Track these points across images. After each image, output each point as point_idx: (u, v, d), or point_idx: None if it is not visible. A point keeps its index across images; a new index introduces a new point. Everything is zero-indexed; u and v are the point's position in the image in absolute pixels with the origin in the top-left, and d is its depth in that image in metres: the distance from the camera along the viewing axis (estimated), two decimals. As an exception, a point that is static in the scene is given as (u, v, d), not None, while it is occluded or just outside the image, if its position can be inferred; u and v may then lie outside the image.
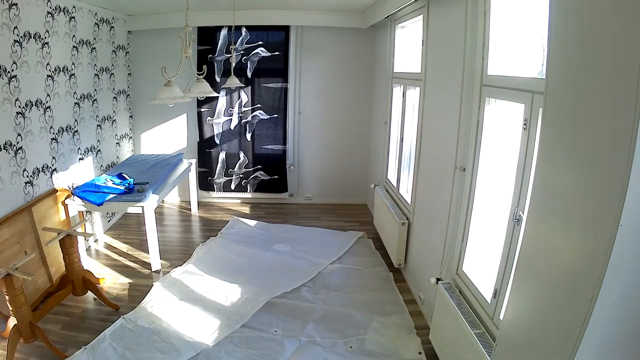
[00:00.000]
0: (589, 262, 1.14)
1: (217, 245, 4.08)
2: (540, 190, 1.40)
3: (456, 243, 2.46)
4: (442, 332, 2.36)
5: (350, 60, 5.05)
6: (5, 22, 2.79)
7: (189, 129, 5.27)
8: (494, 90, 2.10)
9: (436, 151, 2.89)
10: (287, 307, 3.06)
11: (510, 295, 1.59)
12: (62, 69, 3.56)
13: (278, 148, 5.23)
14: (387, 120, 4.27)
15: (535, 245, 1.43)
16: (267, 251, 3.94)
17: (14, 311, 2.35)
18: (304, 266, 3.66)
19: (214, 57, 4.91)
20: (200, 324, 2.83)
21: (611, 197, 1.06)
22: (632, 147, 0.98)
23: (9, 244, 2.74)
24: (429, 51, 3.00)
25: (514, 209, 1.86)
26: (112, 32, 4.48)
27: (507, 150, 2.05)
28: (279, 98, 5.07)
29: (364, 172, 5.39)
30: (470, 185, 2.32)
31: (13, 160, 2.92)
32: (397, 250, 3.50)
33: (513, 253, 1.84)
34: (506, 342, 1.62)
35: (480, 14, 2.16)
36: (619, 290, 1.10)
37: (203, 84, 2.93)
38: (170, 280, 3.39)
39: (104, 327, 2.73)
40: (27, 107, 3.08)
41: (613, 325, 1.15)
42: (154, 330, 2.72)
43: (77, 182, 3.82)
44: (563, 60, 1.28)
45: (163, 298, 3.13)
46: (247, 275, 3.50)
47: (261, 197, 5.44)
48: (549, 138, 1.35)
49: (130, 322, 2.79)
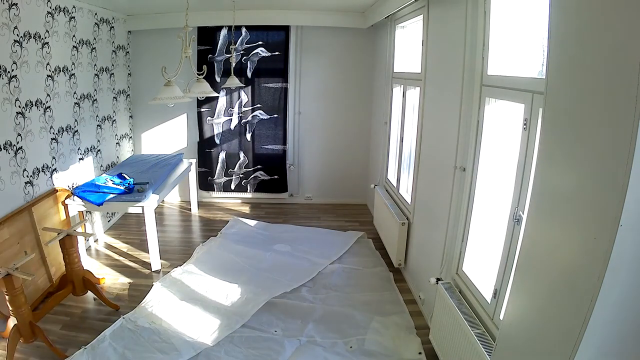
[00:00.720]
0: (589, 262, 1.14)
1: (217, 245, 4.08)
2: (540, 190, 1.40)
3: (456, 243, 2.46)
4: (442, 332, 2.36)
5: (350, 60, 5.05)
6: (5, 22, 2.79)
7: (189, 129, 5.27)
8: (494, 90, 2.10)
9: (436, 151, 2.89)
10: (287, 307, 3.06)
11: (510, 295, 1.59)
12: (62, 69, 3.56)
13: (278, 148, 5.23)
14: (387, 120, 4.27)
15: (535, 245, 1.43)
16: (267, 251, 3.94)
17: (14, 311, 2.35)
18: (304, 266, 3.66)
19: (214, 57, 4.91)
20: (200, 323, 2.83)
21: (611, 197, 1.06)
22: (632, 147, 0.98)
23: (9, 244, 2.74)
24: (429, 51, 3.00)
25: (514, 209, 1.86)
26: (112, 32, 4.48)
27: (507, 150, 2.05)
28: (279, 98, 5.07)
29: (364, 172, 5.39)
30: (470, 185, 2.32)
31: (13, 160, 2.92)
32: (397, 250, 3.50)
33: (513, 253, 1.84)
34: (506, 342, 1.62)
35: (480, 14, 2.16)
36: (619, 290, 1.10)
37: (203, 84, 2.93)
38: (170, 280, 3.39)
39: (104, 327, 2.73)
40: (27, 107, 3.08)
41: (613, 325, 1.15)
42: (154, 330, 2.72)
43: (77, 182, 3.82)
44: (563, 60, 1.28)
45: (163, 298, 3.13)
46: (247, 275, 3.50)
47: (261, 197, 5.44)
48: (549, 138, 1.35)
49: (130, 322, 2.79)
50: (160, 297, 3.13)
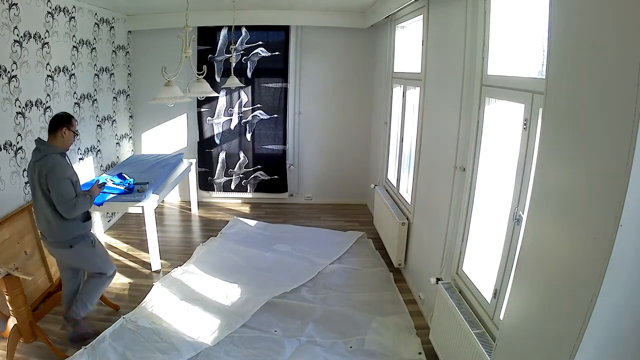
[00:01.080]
0: (589, 262, 1.14)
1: (217, 245, 4.08)
2: (540, 190, 1.40)
3: (456, 243, 2.46)
4: (442, 332, 2.36)
5: (350, 60, 5.05)
6: (5, 22, 2.79)
7: (189, 129, 5.27)
8: (494, 90, 2.10)
9: (436, 151, 2.89)
10: (287, 307, 3.06)
11: (510, 295, 1.59)
12: (62, 69, 3.56)
13: (278, 148, 5.23)
14: (387, 120, 4.27)
15: (535, 245, 1.43)
16: (267, 251, 3.94)
17: (14, 311, 2.35)
18: (304, 266, 3.67)
19: (214, 57, 4.91)
20: (200, 323, 2.84)
21: (611, 197, 1.06)
22: (632, 147, 0.98)
23: (9, 244, 2.74)
24: (429, 51, 3.00)
25: (514, 209, 1.85)
26: (112, 32, 4.48)
27: (507, 150, 2.05)
28: (279, 98, 5.07)
29: (364, 172, 5.39)
30: (470, 185, 2.31)
31: (13, 160, 2.92)
32: (397, 250, 3.50)
33: (513, 253, 1.84)
34: (506, 342, 1.62)
35: (480, 14, 2.16)
36: (619, 290, 1.10)
37: (203, 84, 2.93)
38: (171, 280, 3.39)
39: (104, 327, 2.73)
40: (27, 107, 3.08)
41: (613, 325, 1.15)
42: (154, 330, 2.72)
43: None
44: (563, 60, 1.28)
45: (163, 298, 3.13)
46: (247, 275, 3.50)
47: (261, 197, 5.44)
48: (549, 138, 1.35)
49: (130, 322, 2.79)
50: (160, 297, 3.13)
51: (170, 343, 2.61)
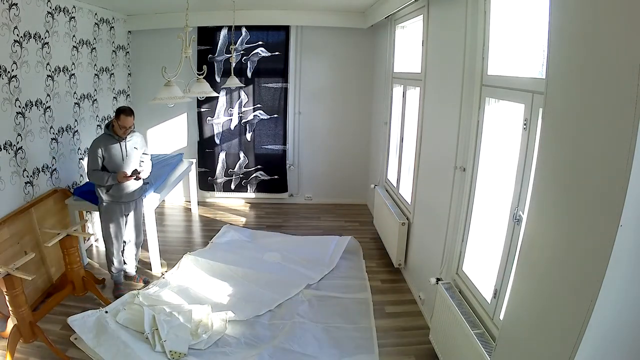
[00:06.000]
0: (589, 262, 1.14)
1: (206, 255, 3.79)
2: (540, 190, 1.40)
3: (456, 243, 2.46)
4: (442, 332, 2.36)
5: (350, 60, 5.05)
6: (5, 22, 2.79)
7: (189, 129, 5.27)
8: (494, 90, 2.10)
9: (436, 151, 2.89)
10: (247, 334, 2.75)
11: (510, 295, 1.59)
12: (62, 69, 3.56)
13: (278, 148, 5.23)
14: (387, 120, 4.27)
15: (535, 245, 1.43)
16: (255, 265, 3.65)
17: (14, 311, 2.35)
18: (292, 278, 3.41)
19: (214, 57, 4.91)
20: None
21: (611, 197, 1.06)
22: (632, 147, 0.98)
23: (9, 244, 2.74)
24: (429, 51, 3.00)
25: (514, 209, 1.86)
26: (112, 32, 4.48)
27: (507, 151, 2.05)
28: (279, 98, 5.07)
29: (364, 172, 5.39)
30: (470, 185, 2.32)
31: (13, 160, 2.92)
32: (397, 250, 3.50)
33: (513, 253, 1.84)
34: (506, 342, 1.62)
35: (480, 14, 2.16)
36: (619, 290, 1.10)
37: (203, 84, 2.93)
38: (145, 296, 3.08)
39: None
40: (27, 107, 3.08)
41: (613, 325, 1.15)
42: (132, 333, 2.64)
43: (77, 182, 3.82)
44: (563, 61, 1.28)
45: (135, 313, 2.85)
46: (235, 288, 3.29)
47: (261, 197, 5.44)
48: (549, 138, 1.36)
49: (109, 318, 2.72)
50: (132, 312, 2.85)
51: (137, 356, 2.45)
